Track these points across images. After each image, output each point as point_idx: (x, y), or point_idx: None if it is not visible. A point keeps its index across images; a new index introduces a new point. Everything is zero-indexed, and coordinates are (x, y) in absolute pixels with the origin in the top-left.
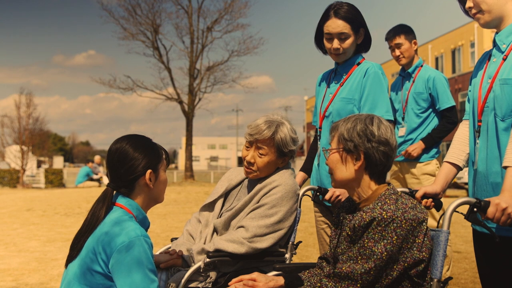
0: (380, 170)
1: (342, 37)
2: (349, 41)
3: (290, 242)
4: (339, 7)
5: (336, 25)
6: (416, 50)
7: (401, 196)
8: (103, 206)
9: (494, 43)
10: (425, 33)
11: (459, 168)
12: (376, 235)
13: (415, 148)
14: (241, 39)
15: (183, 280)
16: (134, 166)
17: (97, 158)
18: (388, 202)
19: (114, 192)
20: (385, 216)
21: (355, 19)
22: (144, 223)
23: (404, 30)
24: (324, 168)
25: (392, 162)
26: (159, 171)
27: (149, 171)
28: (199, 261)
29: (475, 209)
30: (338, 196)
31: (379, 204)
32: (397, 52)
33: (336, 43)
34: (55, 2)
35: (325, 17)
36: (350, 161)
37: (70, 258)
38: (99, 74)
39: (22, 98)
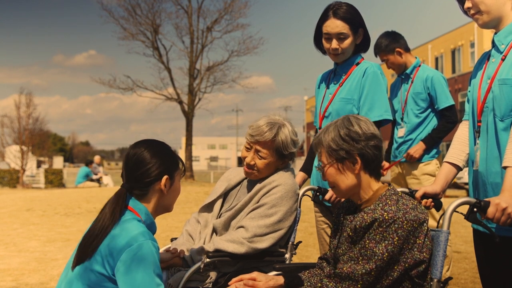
0: (376, 164)
1: (340, 37)
2: (347, 41)
3: (290, 242)
4: (338, 7)
5: (334, 25)
6: (406, 52)
7: (401, 197)
8: (116, 206)
9: (493, 44)
10: (425, 33)
11: (459, 168)
12: (377, 236)
13: (416, 149)
14: (241, 39)
15: (183, 280)
16: (152, 170)
17: (97, 158)
18: (389, 203)
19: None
20: (386, 217)
21: (354, 19)
22: (152, 229)
23: (383, 48)
24: None
25: (383, 152)
26: (175, 178)
27: (165, 176)
28: (199, 261)
29: (475, 209)
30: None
31: (380, 205)
32: (387, 67)
33: (334, 43)
34: (55, 2)
35: (324, 17)
36: (347, 168)
37: (80, 260)
38: (99, 74)
39: (22, 98)
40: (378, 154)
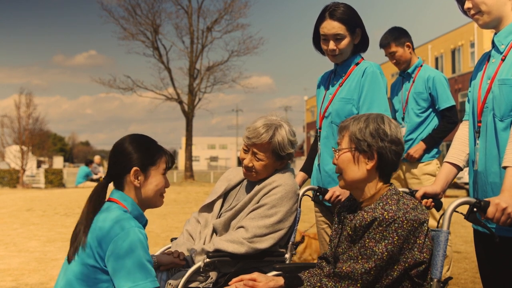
0: (390, 170)
1: (337, 38)
2: (345, 42)
3: (290, 242)
4: (334, 8)
5: (331, 26)
6: (413, 51)
7: (402, 196)
8: (93, 197)
9: (493, 44)
10: (425, 33)
11: (459, 169)
12: (377, 235)
13: (417, 149)
14: (241, 39)
15: (183, 280)
16: (121, 161)
17: (97, 158)
18: (390, 202)
19: (114, 187)
20: (386, 217)
21: (350, 19)
22: (141, 221)
23: (394, 37)
24: (324, 168)
25: (399, 162)
26: (150, 172)
27: (134, 168)
28: (199, 261)
29: (475, 209)
30: (338, 196)
31: (381, 204)
32: (393, 60)
33: (332, 45)
34: (55, 2)
35: (320, 19)
36: (362, 160)
37: (74, 250)
38: (100, 74)
39: (22, 98)
40: (395, 161)
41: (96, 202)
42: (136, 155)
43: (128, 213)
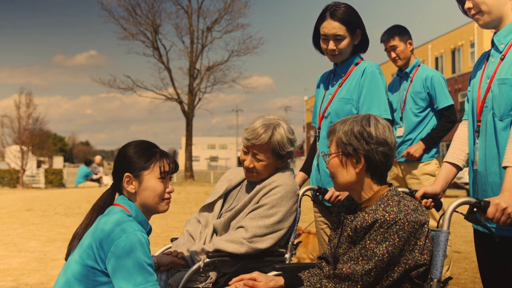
0: (381, 170)
1: (337, 38)
2: (344, 42)
3: (290, 242)
4: (335, 8)
5: (331, 26)
6: (412, 50)
7: (403, 198)
8: (100, 201)
9: (492, 43)
10: (425, 33)
11: (459, 168)
12: (378, 237)
13: (416, 149)
14: (241, 39)
15: (183, 280)
16: (118, 166)
17: (97, 158)
18: (391, 203)
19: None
20: (387, 218)
21: (351, 20)
22: (144, 227)
23: (398, 32)
24: (323, 168)
25: (392, 162)
26: (143, 177)
27: (125, 174)
28: (199, 261)
29: (475, 209)
30: (337, 196)
31: (382, 205)
32: (393, 54)
33: (331, 44)
34: (55, 2)
35: (321, 18)
36: (350, 164)
37: (68, 252)
38: (100, 74)
39: (22, 98)
40: (384, 162)
41: (101, 209)
42: (129, 161)
43: (131, 217)
